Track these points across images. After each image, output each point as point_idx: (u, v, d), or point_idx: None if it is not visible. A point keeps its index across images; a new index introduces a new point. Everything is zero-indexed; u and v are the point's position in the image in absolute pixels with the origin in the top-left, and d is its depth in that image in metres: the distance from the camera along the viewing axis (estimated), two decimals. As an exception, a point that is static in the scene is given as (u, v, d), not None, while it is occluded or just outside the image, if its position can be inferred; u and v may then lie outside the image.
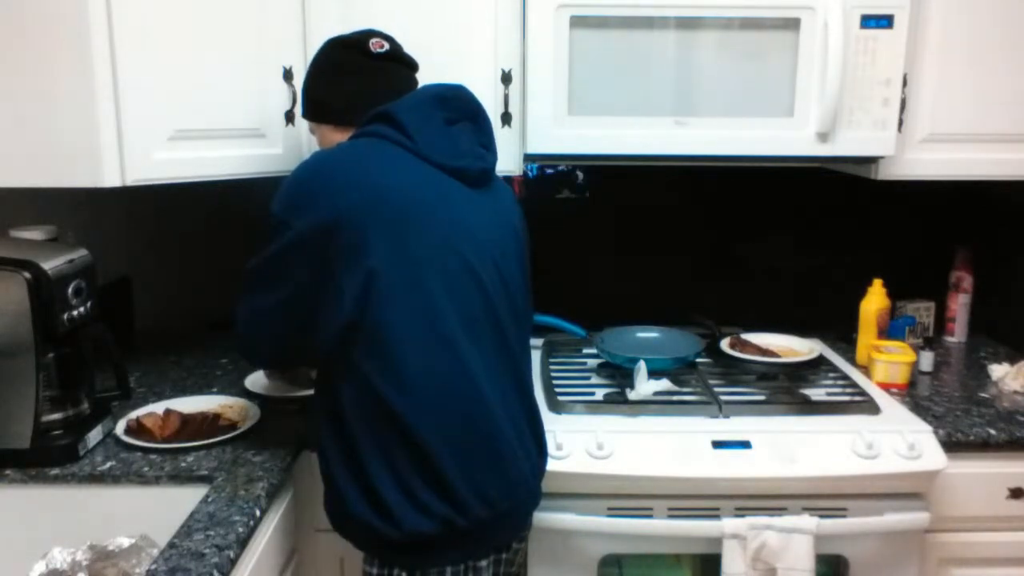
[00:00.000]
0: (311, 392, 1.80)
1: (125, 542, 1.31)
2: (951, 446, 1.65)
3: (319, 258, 1.28)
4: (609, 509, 1.61)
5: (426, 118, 1.36)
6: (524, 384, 1.44)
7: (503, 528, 1.39)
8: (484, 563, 1.37)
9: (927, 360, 2.00)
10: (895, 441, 1.62)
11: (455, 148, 1.37)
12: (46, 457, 1.47)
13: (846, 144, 1.78)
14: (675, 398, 1.78)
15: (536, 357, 2.01)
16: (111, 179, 1.51)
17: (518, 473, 1.37)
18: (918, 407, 1.79)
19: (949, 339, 2.24)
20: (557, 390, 1.83)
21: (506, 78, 1.83)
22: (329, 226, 1.27)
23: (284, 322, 1.36)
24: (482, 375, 1.32)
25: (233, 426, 1.64)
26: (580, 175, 2.26)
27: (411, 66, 1.51)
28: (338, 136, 1.45)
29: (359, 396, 1.29)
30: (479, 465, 1.31)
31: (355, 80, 1.45)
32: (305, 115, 1.54)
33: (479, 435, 1.32)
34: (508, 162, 1.85)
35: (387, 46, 1.47)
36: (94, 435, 1.55)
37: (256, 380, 1.88)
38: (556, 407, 1.74)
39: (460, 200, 1.36)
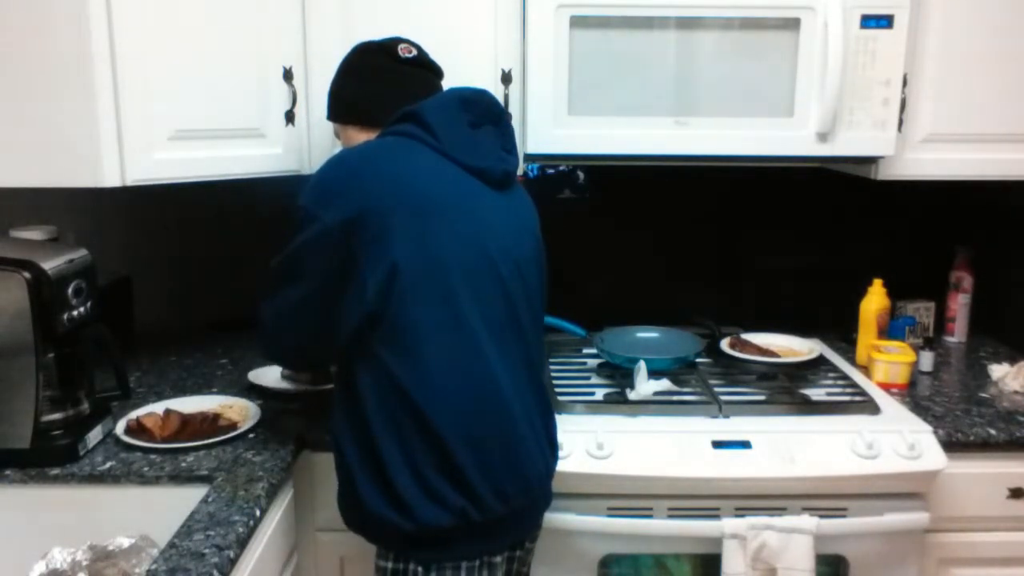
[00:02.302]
0: (317, 388, 1.81)
1: (125, 542, 1.31)
2: (951, 446, 1.65)
3: (345, 249, 1.28)
4: (609, 509, 1.62)
5: (451, 119, 1.38)
6: (540, 383, 1.45)
7: (517, 525, 1.39)
8: (499, 559, 1.37)
9: (927, 360, 2.00)
10: (895, 441, 1.62)
11: (478, 149, 1.39)
12: (46, 457, 1.47)
13: (846, 144, 1.78)
14: (675, 398, 1.78)
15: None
16: (111, 179, 1.51)
17: (533, 471, 1.37)
18: (918, 407, 1.79)
19: (949, 339, 2.24)
20: (557, 390, 1.83)
21: (506, 78, 1.83)
22: (355, 218, 1.28)
23: (310, 316, 1.37)
24: (502, 372, 1.33)
25: (233, 426, 1.64)
26: (581, 175, 2.26)
27: (436, 72, 1.53)
28: (363, 137, 1.47)
29: (379, 388, 1.30)
30: (495, 460, 1.31)
31: (383, 83, 1.48)
32: (331, 117, 1.57)
33: (497, 431, 1.32)
34: (508, 162, 1.85)
35: (414, 52, 1.50)
36: (94, 435, 1.55)
37: (260, 372, 1.88)
38: (556, 407, 1.73)
39: (483, 199, 1.38)
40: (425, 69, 1.51)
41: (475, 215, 1.35)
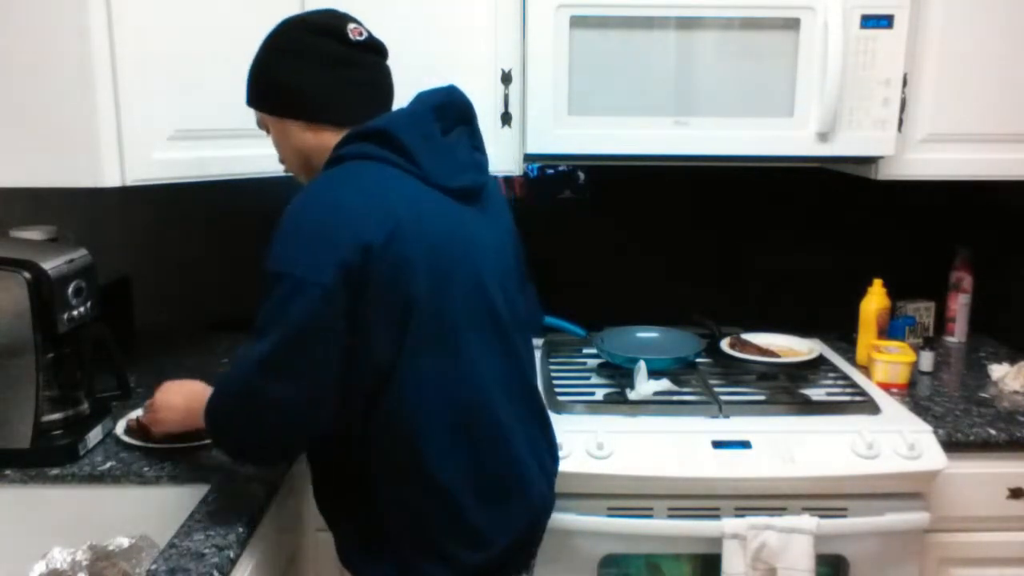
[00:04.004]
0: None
1: (125, 542, 1.31)
2: (951, 446, 1.65)
3: (351, 308, 1.12)
4: (609, 509, 1.61)
5: (426, 135, 1.24)
6: (537, 399, 1.41)
7: (525, 547, 1.36)
8: None
9: (927, 360, 2.00)
10: (895, 441, 1.62)
11: (456, 164, 1.28)
12: (46, 457, 1.47)
13: (846, 144, 1.78)
14: (675, 398, 1.78)
15: (536, 357, 2.01)
16: (111, 179, 1.51)
17: (538, 494, 1.34)
18: (918, 407, 1.79)
19: (949, 339, 2.24)
20: (557, 390, 1.83)
21: (506, 78, 1.83)
22: (360, 264, 1.11)
23: (306, 416, 1.18)
24: (505, 411, 1.27)
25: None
26: (581, 175, 2.26)
27: (384, 53, 1.34)
28: (309, 136, 1.28)
29: (378, 453, 1.22)
30: (502, 502, 1.27)
31: (338, 72, 1.27)
32: (260, 105, 1.33)
33: (503, 474, 1.27)
34: (508, 162, 1.85)
35: (365, 34, 1.30)
36: (94, 435, 1.55)
37: None
38: (556, 407, 1.74)
39: (469, 225, 1.28)
40: (375, 53, 1.32)
41: (466, 246, 1.25)
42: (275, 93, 1.30)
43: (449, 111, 1.30)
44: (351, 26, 1.29)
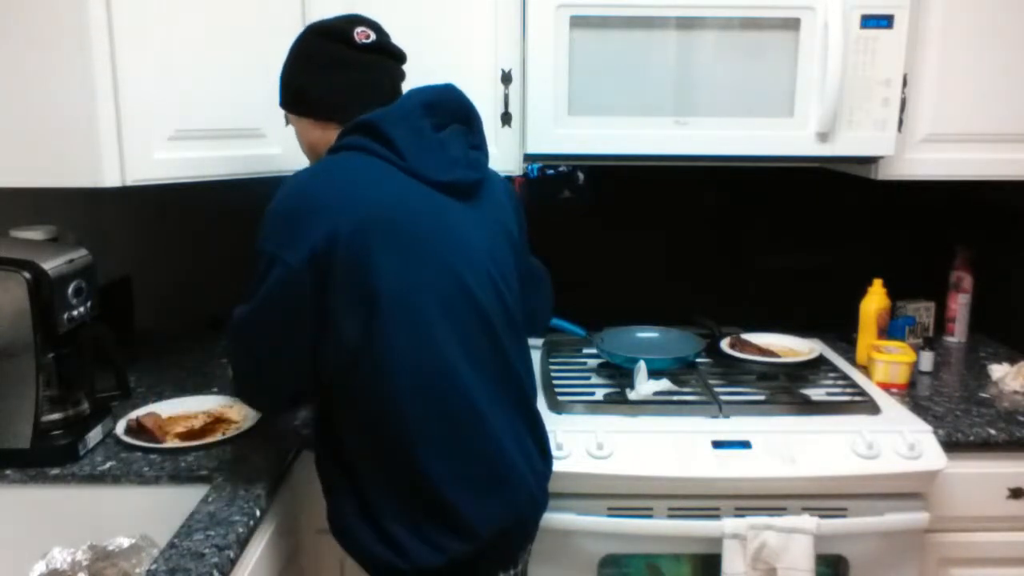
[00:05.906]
0: None
1: (125, 542, 1.31)
2: (951, 446, 1.65)
3: (317, 290, 1.21)
4: (609, 509, 1.61)
5: (415, 130, 1.30)
6: (525, 396, 1.41)
7: (511, 542, 1.37)
8: None
9: (927, 360, 2.00)
10: (895, 441, 1.62)
11: (446, 158, 1.32)
12: (46, 457, 1.47)
13: (846, 144, 1.79)
14: (675, 398, 1.78)
15: (536, 357, 2.01)
16: (111, 179, 1.51)
17: (525, 490, 1.35)
18: (918, 407, 1.79)
19: (949, 339, 2.24)
20: (557, 390, 1.83)
21: (506, 78, 1.83)
22: (325, 250, 1.20)
23: (287, 370, 1.31)
24: (484, 400, 1.29)
25: (233, 426, 1.63)
26: (581, 175, 2.26)
27: (397, 57, 1.42)
28: (318, 132, 1.39)
29: (360, 432, 1.27)
30: (486, 491, 1.29)
31: (339, 73, 1.36)
32: (284, 105, 1.45)
33: (485, 462, 1.29)
34: (508, 162, 1.86)
35: (373, 36, 1.37)
36: (94, 435, 1.55)
37: None
38: (556, 407, 1.74)
39: (454, 218, 1.31)
40: (384, 55, 1.39)
41: (447, 237, 1.29)
42: (290, 93, 1.42)
43: (442, 109, 1.35)
44: (358, 30, 1.36)
